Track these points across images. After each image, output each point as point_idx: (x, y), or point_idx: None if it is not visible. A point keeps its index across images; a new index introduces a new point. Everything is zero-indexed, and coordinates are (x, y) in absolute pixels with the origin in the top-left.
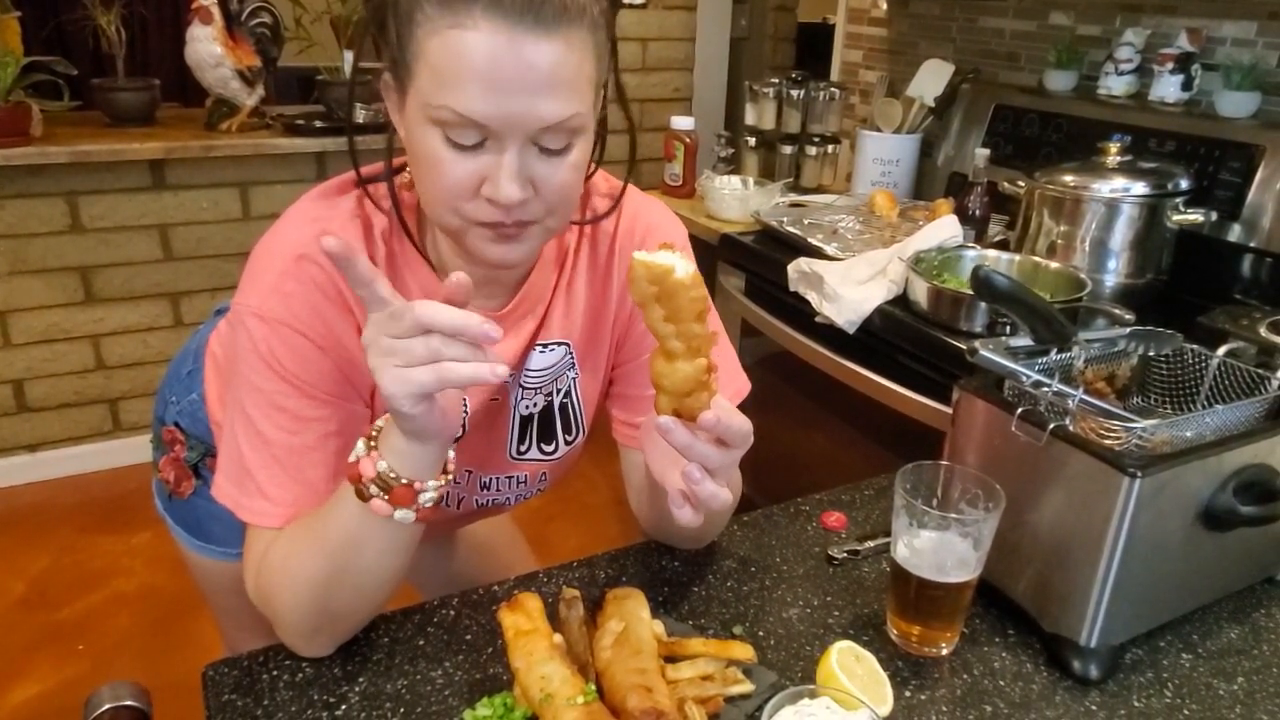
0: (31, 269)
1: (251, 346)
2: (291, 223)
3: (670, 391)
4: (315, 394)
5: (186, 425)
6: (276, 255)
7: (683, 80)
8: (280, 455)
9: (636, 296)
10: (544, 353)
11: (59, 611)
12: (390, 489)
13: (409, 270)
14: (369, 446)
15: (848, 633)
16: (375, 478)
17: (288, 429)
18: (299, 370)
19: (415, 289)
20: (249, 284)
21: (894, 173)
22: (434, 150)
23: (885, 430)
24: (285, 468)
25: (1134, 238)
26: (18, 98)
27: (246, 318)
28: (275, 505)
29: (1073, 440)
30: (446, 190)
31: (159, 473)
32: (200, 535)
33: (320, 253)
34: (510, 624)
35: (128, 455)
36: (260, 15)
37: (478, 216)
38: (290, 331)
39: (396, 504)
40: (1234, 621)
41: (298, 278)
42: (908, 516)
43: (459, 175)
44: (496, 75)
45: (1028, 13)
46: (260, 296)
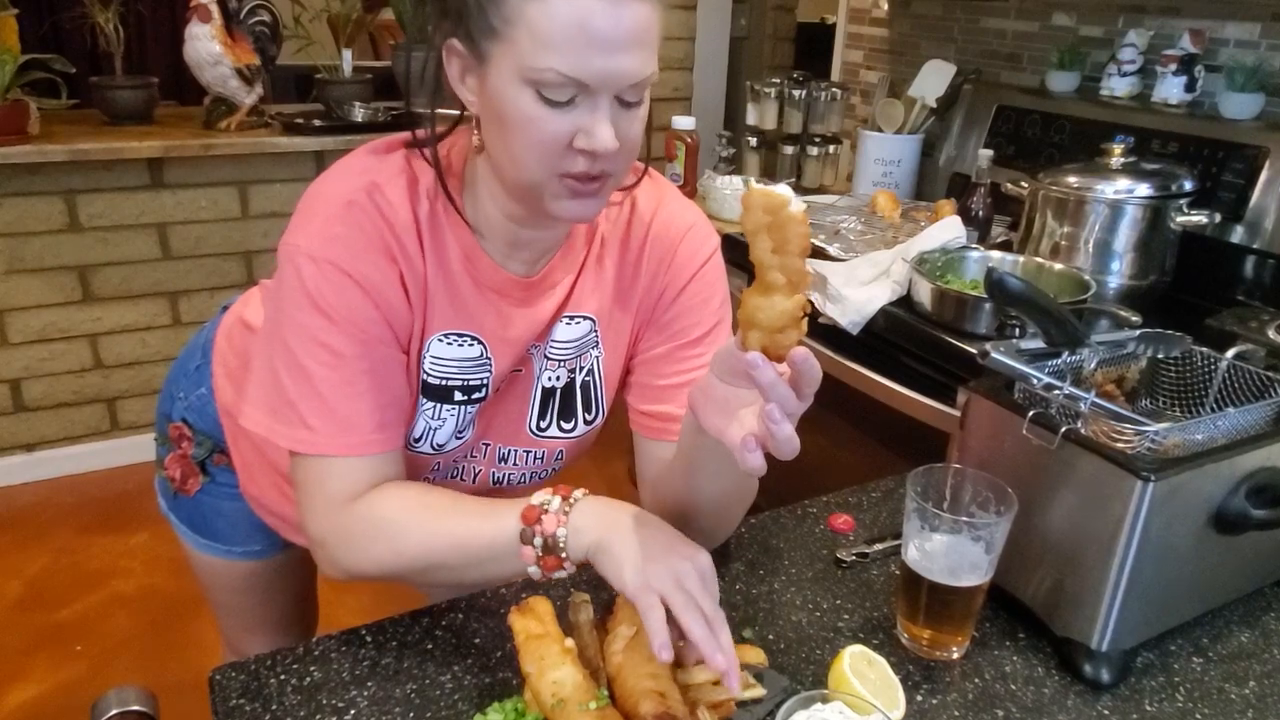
0: (29, 268)
1: (299, 284)
2: (343, 171)
3: (764, 326)
4: (355, 333)
5: (194, 421)
6: (327, 200)
7: (682, 80)
8: (321, 389)
9: (749, 225)
10: (570, 325)
11: (57, 612)
12: (550, 552)
13: (450, 228)
14: (562, 509)
15: (858, 636)
16: (548, 535)
17: (329, 364)
18: (342, 309)
19: (454, 245)
20: (299, 226)
21: (895, 173)
22: (527, 109)
23: (888, 431)
24: (325, 400)
25: (1138, 239)
26: (15, 95)
27: (296, 257)
28: (315, 434)
29: (1085, 443)
30: (542, 145)
31: (163, 470)
32: (205, 533)
33: (368, 200)
34: (521, 628)
35: (126, 455)
36: (259, 14)
37: (569, 169)
38: (336, 271)
39: (541, 564)
40: (1244, 625)
41: (346, 222)
42: (919, 520)
43: (554, 130)
44: (599, 36)
45: (1030, 13)
46: (309, 237)
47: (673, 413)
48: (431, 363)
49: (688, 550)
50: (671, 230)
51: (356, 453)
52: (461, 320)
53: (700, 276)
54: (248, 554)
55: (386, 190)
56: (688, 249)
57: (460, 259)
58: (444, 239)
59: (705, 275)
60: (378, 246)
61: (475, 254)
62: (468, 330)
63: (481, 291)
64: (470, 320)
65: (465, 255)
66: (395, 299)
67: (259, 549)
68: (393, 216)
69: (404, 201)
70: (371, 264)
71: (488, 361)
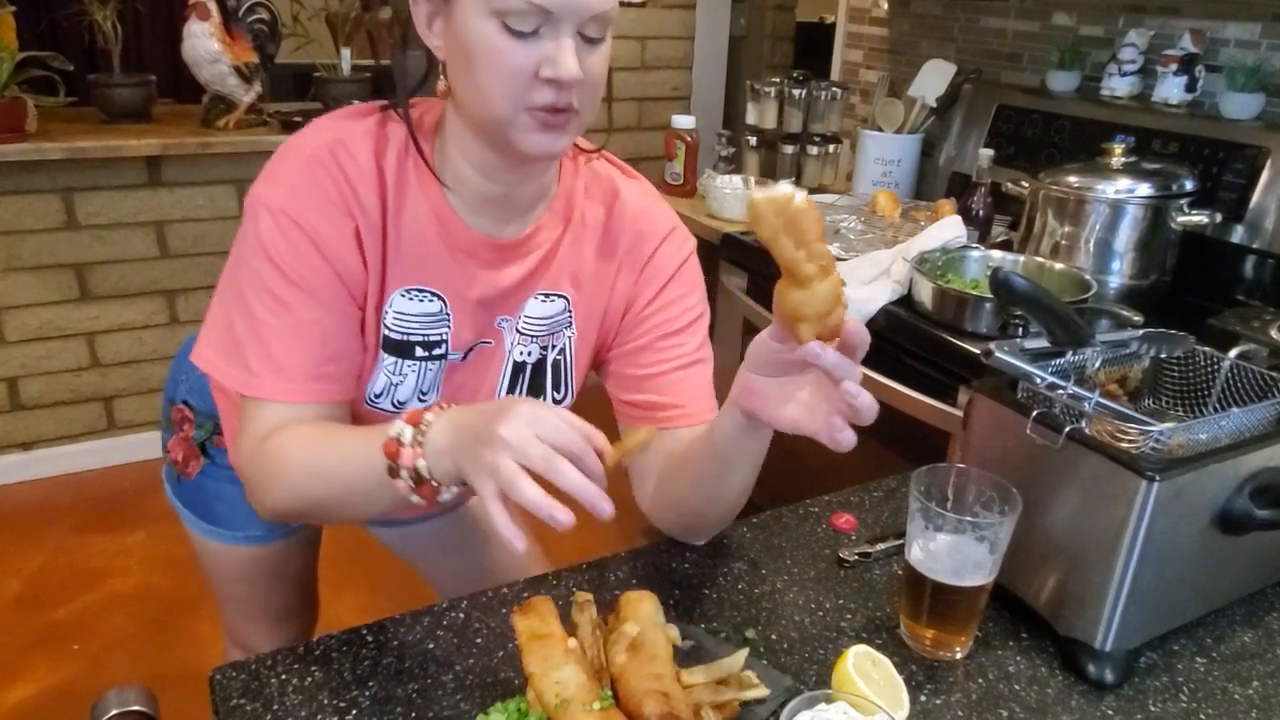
0: (26, 266)
1: (256, 233)
2: (313, 129)
3: (813, 317)
4: (303, 284)
5: (196, 403)
6: (291, 155)
7: (681, 79)
8: (265, 335)
9: (766, 233)
10: (544, 302)
11: (54, 611)
12: (420, 483)
13: (420, 186)
14: (416, 439)
15: (861, 636)
16: (411, 469)
17: (275, 312)
18: (292, 260)
19: (423, 202)
20: (263, 178)
21: (895, 173)
22: (492, 40)
23: (888, 430)
24: (267, 346)
25: (1138, 239)
26: (12, 93)
27: (256, 206)
28: (254, 377)
29: (1089, 443)
30: (508, 75)
31: (168, 455)
32: (207, 518)
33: (330, 157)
34: (524, 628)
35: (123, 454)
36: (258, 11)
37: (534, 100)
38: (290, 223)
39: (418, 494)
40: (1247, 625)
41: (305, 175)
42: (923, 519)
43: (519, 60)
44: None
45: (1030, 13)
46: (269, 189)
47: (656, 400)
48: (394, 318)
49: (515, 412)
50: (655, 231)
51: (287, 399)
52: (424, 276)
53: (678, 276)
54: (249, 539)
55: (351, 147)
56: (667, 252)
57: (429, 217)
58: (412, 196)
59: (683, 274)
60: (334, 201)
61: (445, 212)
62: (429, 286)
63: (449, 250)
64: (433, 276)
65: (434, 213)
66: (348, 254)
67: (259, 534)
68: (354, 172)
69: (369, 159)
70: (326, 218)
71: (446, 318)
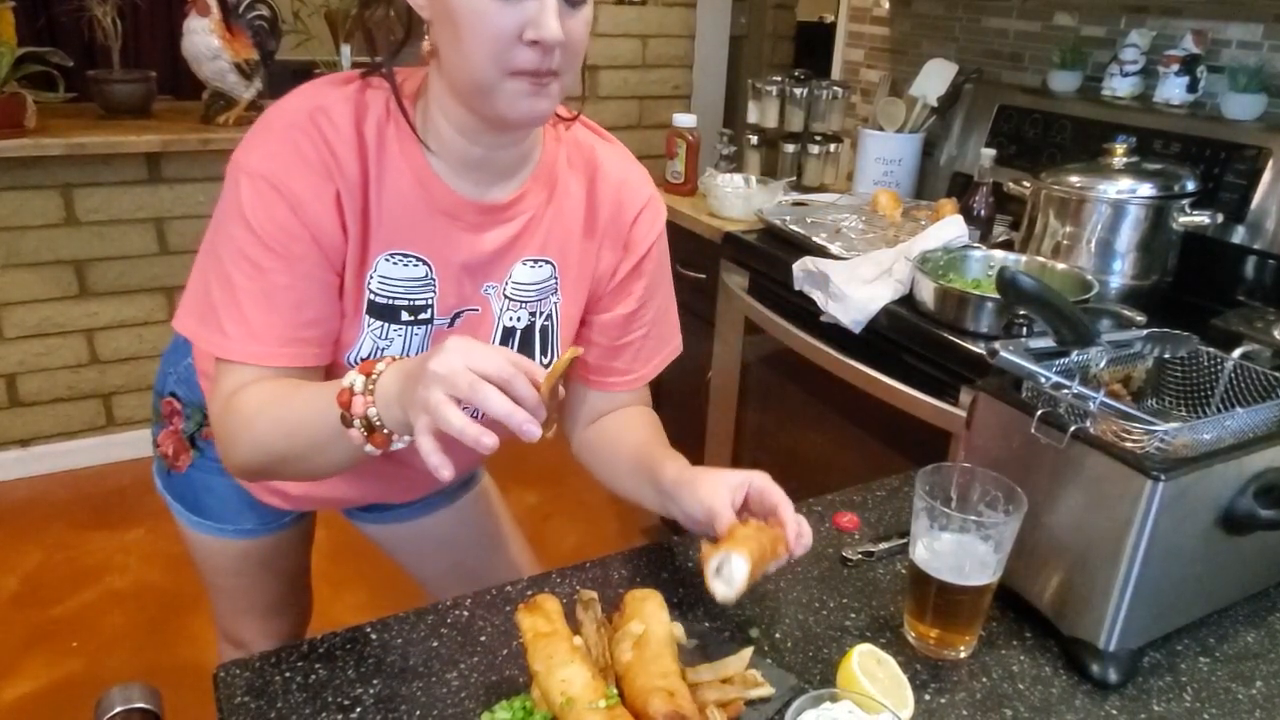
0: (25, 262)
1: (234, 198)
2: (293, 96)
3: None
4: (279, 249)
5: (183, 394)
6: (272, 121)
7: (682, 78)
8: (240, 298)
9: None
10: (532, 268)
11: (52, 609)
12: (371, 430)
13: (402, 151)
14: (367, 388)
15: (865, 635)
16: (362, 417)
17: (250, 275)
18: (269, 224)
19: (405, 167)
20: (244, 143)
21: (896, 172)
22: (476, 3)
23: (890, 430)
24: (241, 308)
25: (1140, 239)
26: (12, 89)
27: (235, 171)
28: (228, 340)
29: (1094, 443)
30: (492, 38)
31: (158, 448)
32: (197, 511)
33: (309, 122)
34: (529, 626)
35: (121, 450)
36: (258, 8)
37: (517, 63)
38: (268, 187)
39: (371, 442)
40: (1250, 625)
41: (284, 141)
42: (928, 519)
43: (503, 22)
44: None
45: (1031, 13)
46: (249, 154)
47: (617, 367)
48: (380, 282)
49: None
50: (634, 201)
51: (259, 361)
52: (408, 240)
53: (655, 247)
54: (240, 532)
55: (331, 113)
56: (646, 220)
57: (412, 181)
58: (394, 161)
59: (658, 246)
60: (313, 166)
61: (427, 175)
62: (413, 250)
63: (432, 214)
64: (417, 241)
65: (416, 177)
66: (327, 219)
67: (250, 527)
68: (334, 137)
69: (349, 124)
70: (304, 183)
71: (432, 282)
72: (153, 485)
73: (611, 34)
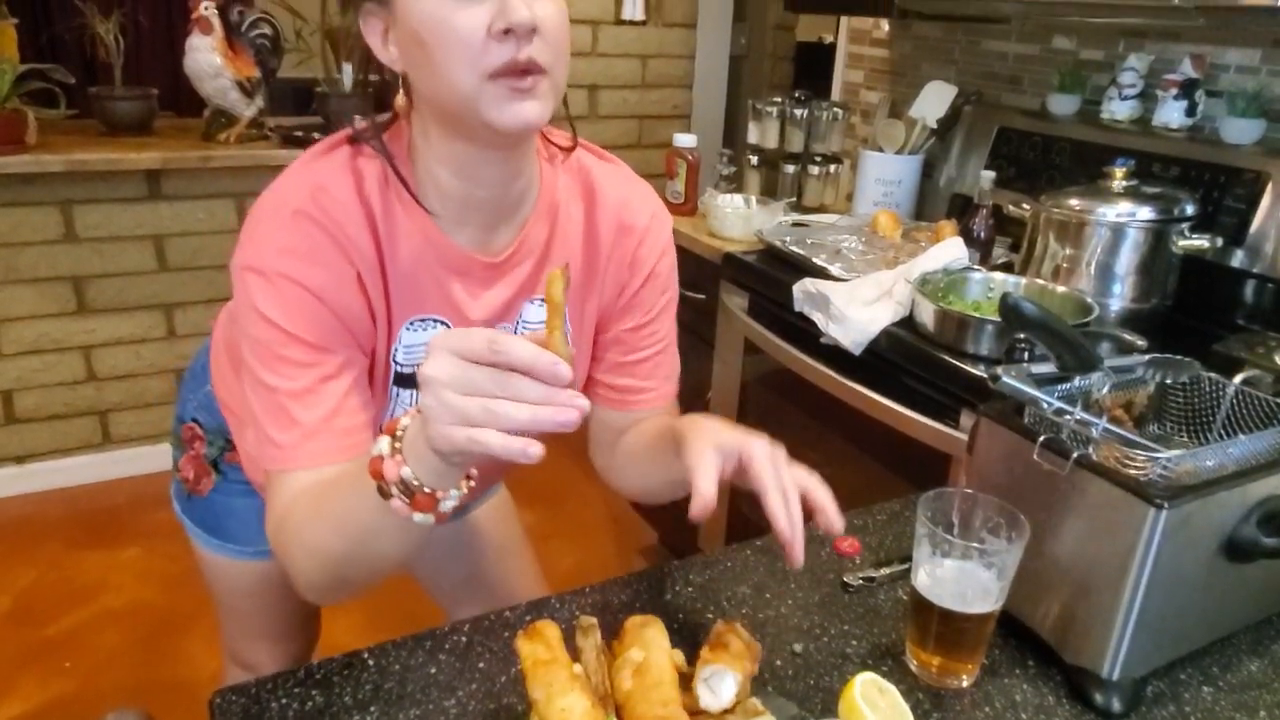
0: (23, 278)
1: (249, 302)
2: (286, 181)
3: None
4: (310, 341)
5: (204, 420)
6: (273, 212)
7: (682, 97)
8: (281, 401)
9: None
10: (540, 306)
11: (46, 628)
12: (412, 495)
13: (405, 214)
14: (393, 448)
15: (866, 663)
16: (398, 481)
17: (287, 375)
18: (296, 319)
19: (412, 230)
20: (246, 242)
21: (896, 193)
22: (439, 11)
23: (889, 452)
24: (286, 412)
25: (1139, 262)
26: (13, 105)
27: (244, 274)
28: (281, 450)
29: (1097, 470)
30: (460, 41)
31: (178, 473)
32: (218, 534)
33: (314, 205)
34: (528, 653)
35: (117, 468)
36: (261, 26)
37: (494, 63)
38: (287, 282)
39: (417, 509)
40: (1254, 654)
41: (294, 231)
42: (930, 545)
43: (468, 22)
44: None
45: (1030, 36)
46: (257, 252)
47: (632, 385)
48: (405, 353)
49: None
50: (637, 223)
51: (317, 463)
52: (426, 304)
53: (661, 263)
54: (259, 554)
55: (332, 190)
56: (651, 242)
57: (420, 243)
58: (400, 227)
59: (664, 261)
60: (330, 252)
61: (434, 234)
62: (431, 314)
63: (444, 274)
64: (434, 303)
65: (424, 238)
66: (354, 302)
67: (268, 548)
68: (342, 217)
69: (352, 198)
70: (325, 270)
71: None
72: (149, 503)
73: (611, 54)
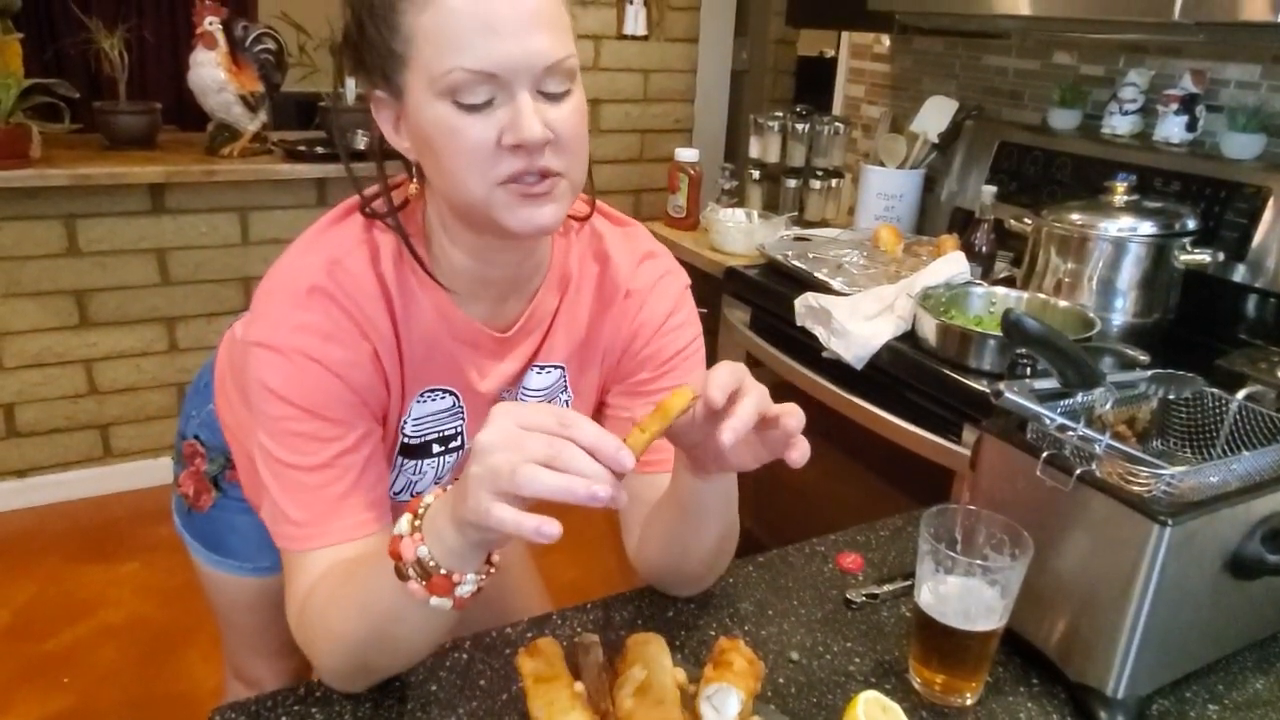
0: (26, 291)
1: (262, 379)
2: (300, 254)
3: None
4: (329, 416)
5: (206, 437)
6: (287, 289)
7: (684, 112)
8: (299, 478)
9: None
10: (540, 374)
11: (44, 643)
12: (429, 576)
13: (419, 288)
14: (413, 526)
15: (869, 680)
16: (415, 562)
17: (303, 451)
18: (311, 396)
19: (426, 304)
20: (260, 318)
21: (897, 207)
22: (448, 121)
23: (891, 466)
24: (304, 489)
25: (1141, 277)
26: (17, 120)
27: (257, 351)
28: (299, 528)
29: (1100, 486)
30: (470, 153)
31: (179, 488)
32: (218, 550)
33: (331, 280)
34: (529, 670)
35: (118, 482)
36: (264, 41)
37: (504, 173)
38: (304, 359)
39: (434, 592)
40: (1259, 672)
41: (311, 308)
42: (933, 562)
43: (479, 135)
44: (493, 20)
45: (1031, 51)
46: (271, 329)
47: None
48: (414, 424)
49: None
50: (644, 285)
51: (340, 540)
52: (436, 376)
53: (671, 320)
54: (259, 570)
55: (349, 265)
56: (657, 300)
57: (433, 317)
58: (414, 301)
59: (675, 318)
60: (348, 329)
61: (447, 308)
62: (441, 384)
63: (455, 345)
64: (444, 375)
65: (438, 312)
66: (371, 377)
67: (269, 565)
68: (359, 293)
69: (368, 273)
70: (343, 348)
71: (460, 410)
72: (149, 517)
73: (614, 68)
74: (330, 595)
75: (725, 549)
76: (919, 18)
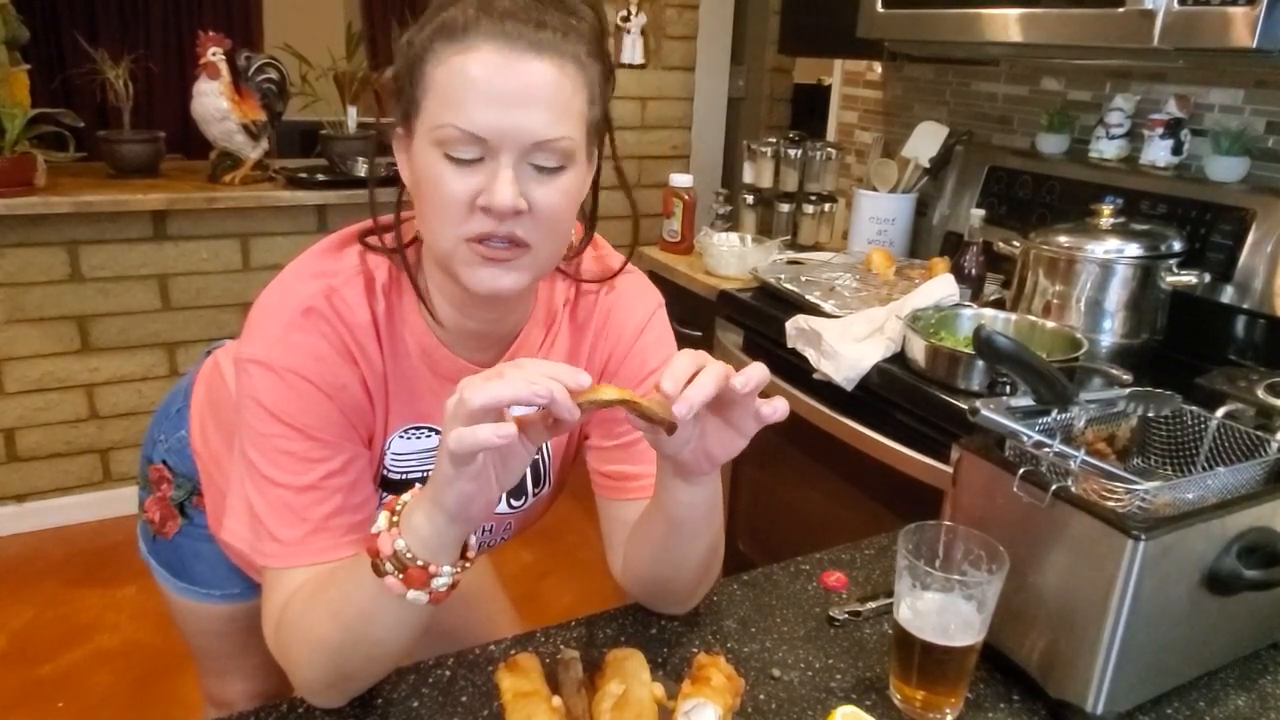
0: (29, 317)
1: (254, 395)
2: (296, 277)
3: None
4: (319, 436)
5: (174, 463)
6: (282, 309)
7: (681, 138)
8: (286, 498)
9: None
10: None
11: (40, 667)
12: (405, 569)
13: (407, 323)
14: (390, 522)
15: (850, 697)
16: (392, 555)
17: (292, 470)
18: (303, 415)
19: (411, 340)
20: (254, 336)
21: (890, 231)
22: (435, 169)
23: (882, 487)
24: (291, 508)
25: (1128, 298)
26: (23, 148)
27: (250, 367)
28: (284, 546)
29: (1075, 502)
30: (444, 203)
31: (144, 514)
32: (183, 576)
33: (327, 305)
34: (509, 686)
35: (117, 506)
36: (267, 71)
37: (472, 230)
38: (296, 378)
39: (410, 585)
40: (1240, 689)
41: (304, 329)
42: (911, 578)
43: (456, 189)
44: (495, 89)
45: (1019, 78)
46: (266, 347)
47: (628, 471)
48: (393, 459)
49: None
50: (619, 310)
51: (321, 558)
52: (420, 413)
53: (643, 338)
54: (226, 596)
55: (344, 292)
56: (632, 320)
57: (418, 352)
58: (401, 335)
59: (647, 335)
60: (339, 351)
61: (432, 346)
62: (425, 422)
63: (440, 383)
64: (428, 412)
65: (422, 348)
66: (360, 400)
67: (237, 591)
68: (352, 319)
69: (361, 302)
70: (333, 368)
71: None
72: None
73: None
74: (307, 602)
75: (714, 561)
76: (908, 45)
